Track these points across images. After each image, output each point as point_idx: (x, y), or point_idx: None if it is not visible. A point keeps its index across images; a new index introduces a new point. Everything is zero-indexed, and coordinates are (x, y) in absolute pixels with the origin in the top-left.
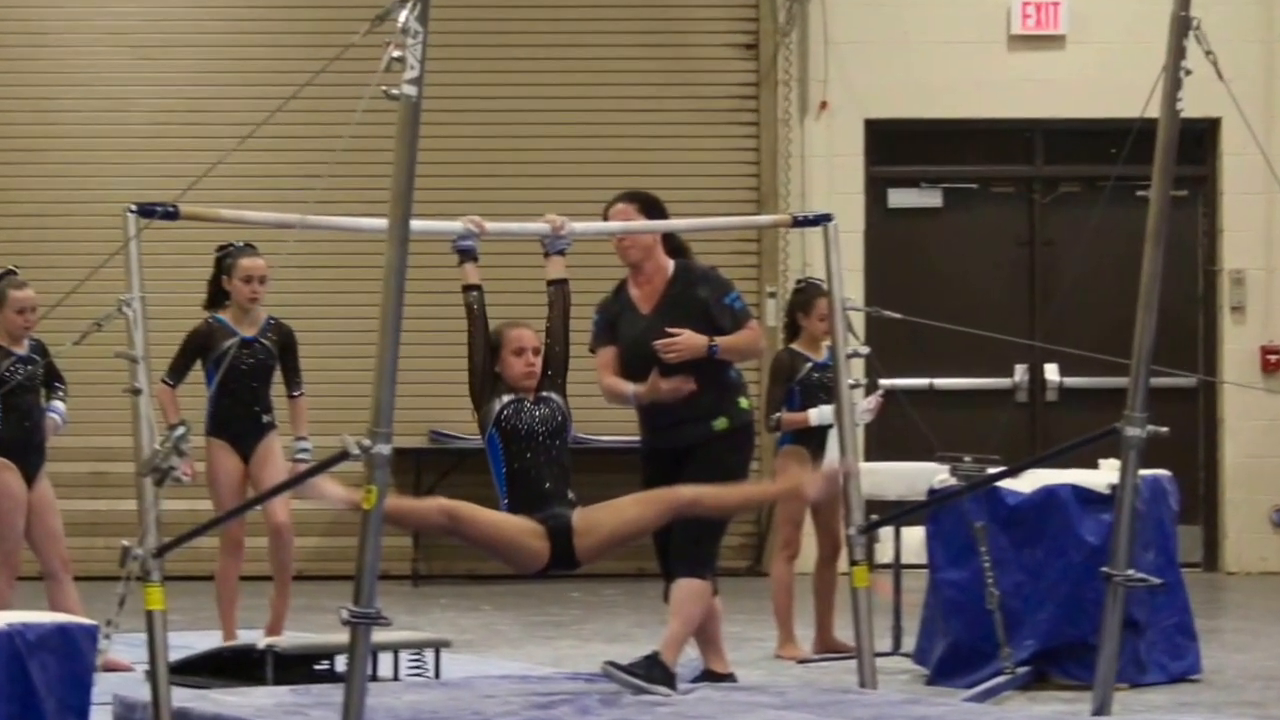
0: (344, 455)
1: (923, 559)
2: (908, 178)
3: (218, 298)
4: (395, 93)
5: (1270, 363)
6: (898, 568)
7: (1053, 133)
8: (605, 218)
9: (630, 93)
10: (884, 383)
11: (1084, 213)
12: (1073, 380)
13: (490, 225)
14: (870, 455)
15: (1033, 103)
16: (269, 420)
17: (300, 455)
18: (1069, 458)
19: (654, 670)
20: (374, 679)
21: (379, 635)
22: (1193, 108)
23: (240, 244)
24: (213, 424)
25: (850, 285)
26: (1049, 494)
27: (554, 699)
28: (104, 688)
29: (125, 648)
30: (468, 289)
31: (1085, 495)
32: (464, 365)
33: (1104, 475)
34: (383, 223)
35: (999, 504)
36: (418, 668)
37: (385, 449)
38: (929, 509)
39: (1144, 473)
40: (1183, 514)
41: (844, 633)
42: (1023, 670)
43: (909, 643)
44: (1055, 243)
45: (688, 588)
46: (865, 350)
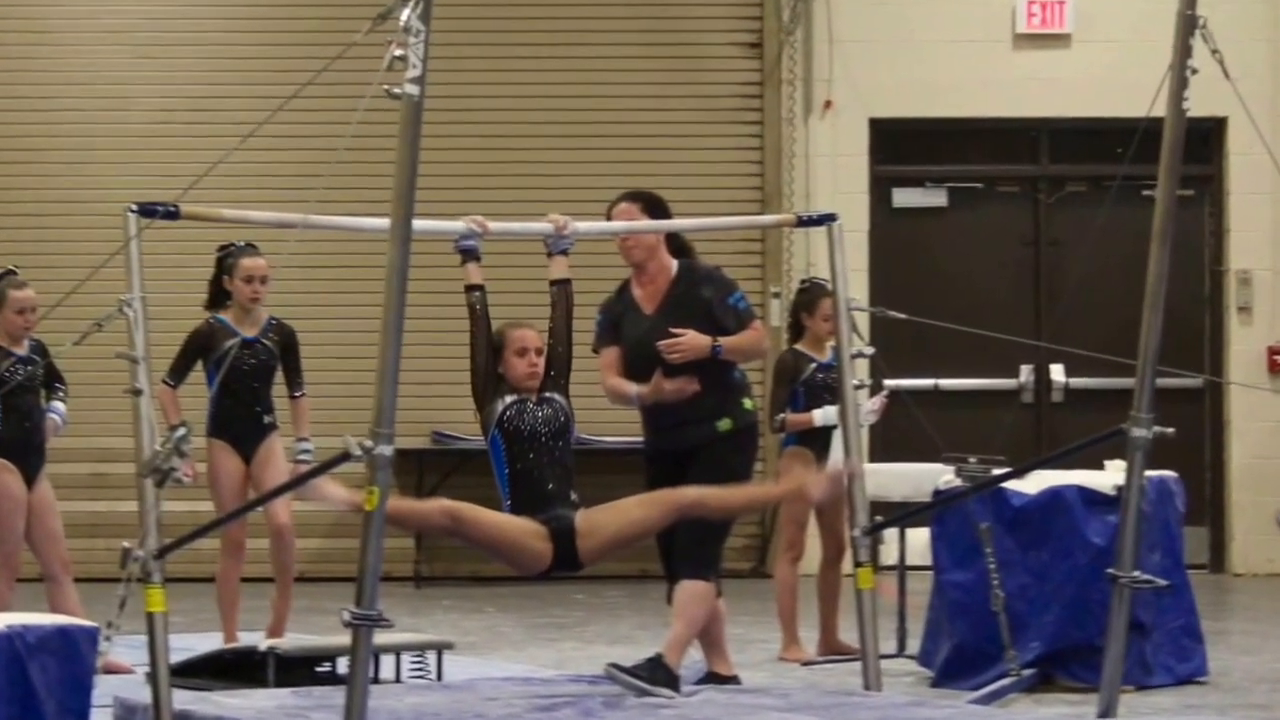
0: (346, 456)
1: (927, 561)
2: (912, 177)
3: (219, 298)
4: (397, 92)
5: (1277, 363)
6: (902, 569)
7: (1058, 132)
8: (609, 217)
9: (634, 92)
10: (888, 383)
11: (1090, 212)
12: (1078, 381)
13: (493, 225)
14: (875, 456)
15: (1038, 102)
16: (270, 421)
17: (302, 456)
18: (1075, 459)
19: (657, 672)
20: (376, 681)
21: (381, 637)
22: (1199, 107)
23: (241, 244)
24: (214, 425)
25: (855, 285)
26: (1054, 495)
27: (557, 701)
28: (104, 690)
29: (126, 650)
30: (470, 289)
31: (1091, 496)
32: (466, 366)
33: (1110, 476)
34: (385, 222)
35: (1004, 505)
36: (420, 670)
37: (387, 450)
38: (934, 510)
39: (1150, 474)
40: (1189, 515)
41: (848, 635)
42: (1028, 672)
43: (914, 645)
44: (1061, 242)
45: (691, 589)
46: (870, 351)
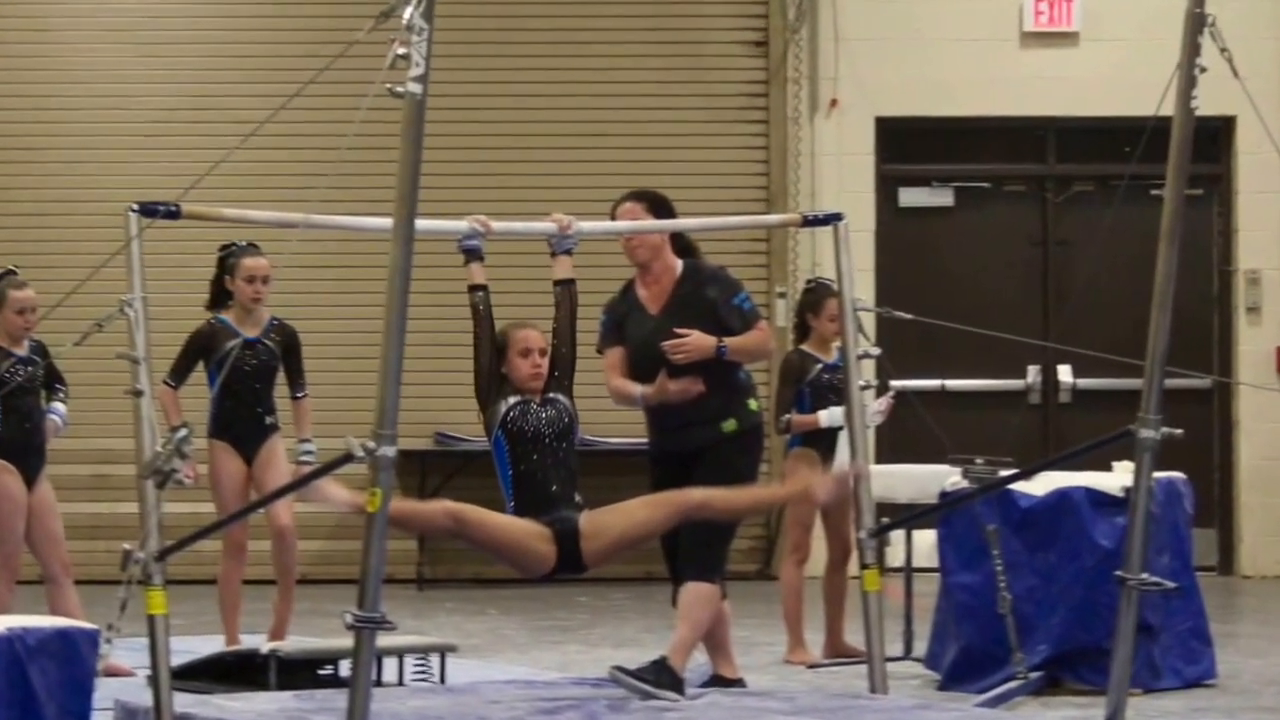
0: (348, 457)
1: (934, 563)
2: (919, 176)
3: (220, 298)
4: (400, 90)
5: None
6: (909, 571)
7: (1066, 131)
8: (613, 217)
9: (638, 90)
10: (895, 384)
11: (1098, 212)
12: (1086, 381)
13: (496, 225)
14: (881, 457)
15: (1046, 101)
16: (272, 422)
17: (304, 457)
18: (1082, 460)
19: (662, 675)
20: (378, 684)
21: (383, 640)
22: (1207, 105)
23: (243, 243)
24: (215, 426)
25: (861, 285)
26: (1062, 497)
27: (560, 704)
28: (105, 693)
29: (126, 652)
30: (473, 289)
31: (1099, 498)
32: (470, 366)
33: (1118, 478)
34: (387, 222)
35: (1011, 507)
36: (423, 673)
37: (390, 451)
38: (940, 512)
39: (1158, 475)
40: (1198, 517)
41: (854, 637)
42: (1035, 675)
43: (920, 647)
44: (1068, 242)
45: (696, 592)
46: (876, 351)
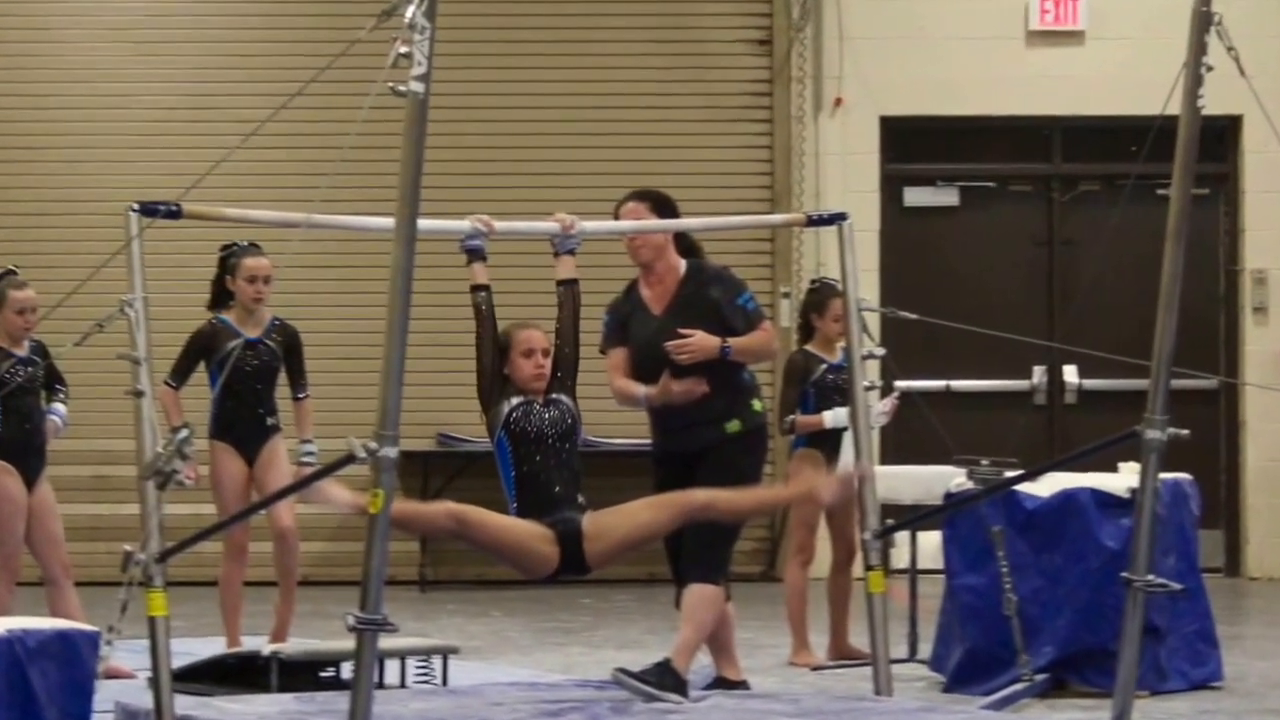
0: (350, 458)
1: (939, 564)
2: (924, 176)
3: (221, 298)
4: (402, 89)
5: None
6: (914, 573)
7: (1072, 130)
8: (616, 217)
9: (641, 89)
10: (900, 385)
11: (1103, 212)
12: (1092, 382)
13: (499, 224)
14: (886, 458)
15: (1051, 100)
16: (273, 423)
17: (305, 458)
18: (1088, 461)
19: (666, 677)
20: (380, 686)
21: (385, 642)
22: (1214, 104)
23: (244, 243)
24: (216, 426)
25: (865, 285)
26: (1068, 498)
27: (564, 706)
28: (105, 695)
29: (127, 654)
30: (476, 289)
31: (1105, 499)
32: (472, 367)
33: (1124, 479)
34: (389, 222)
35: (1017, 508)
36: (425, 675)
37: (392, 452)
38: (945, 513)
39: (1164, 476)
40: (1204, 518)
41: (859, 639)
42: (1041, 677)
43: (925, 649)
44: (1074, 242)
45: (700, 593)
46: (880, 352)
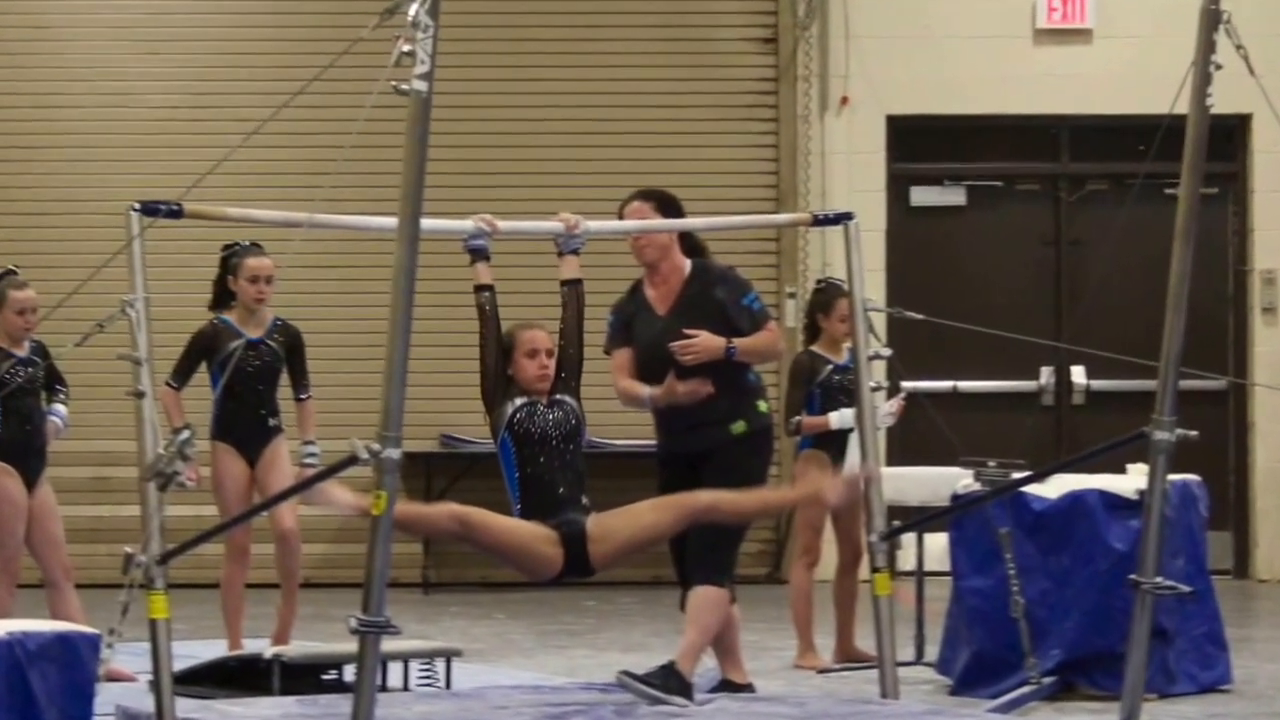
0: (353, 460)
1: (946, 566)
2: (930, 175)
3: (223, 298)
4: (405, 88)
5: None
6: (920, 575)
7: (1079, 129)
8: (620, 216)
9: (646, 88)
10: (906, 385)
11: (1111, 211)
12: (1100, 383)
13: (502, 224)
14: (892, 460)
15: (1059, 98)
16: (275, 424)
17: (308, 460)
18: (1096, 462)
19: (670, 680)
20: (383, 689)
21: (388, 644)
22: (1223, 103)
23: (246, 243)
24: (218, 428)
25: (871, 285)
26: (1075, 500)
27: (567, 709)
28: (106, 698)
29: (128, 657)
30: (479, 289)
31: (1113, 501)
32: (476, 367)
33: (1132, 480)
34: (392, 221)
35: (1024, 510)
36: (428, 678)
37: (395, 453)
38: (952, 515)
39: (1173, 478)
40: (1212, 520)
41: (865, 642)
42: (1049, 680)
43: (932, 652)
44: (1082, 242)
45: (705, 595)
46: (887, 352)
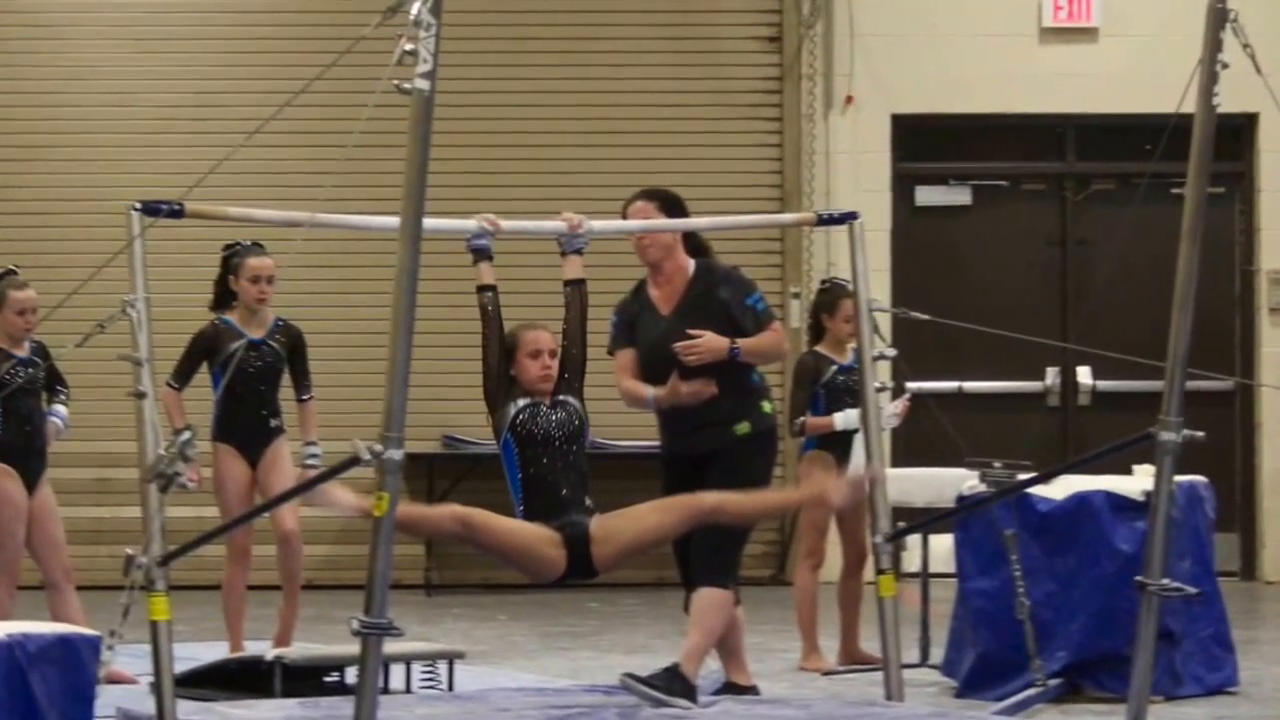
0: (355, 461)
1: (951, 568)
2: (936, 174)
3: (224, 298)
4: (407, 87)
5: None
6: (925, 577)
7: (1085, 128)
8: (624, 216)
9: (650, 87)
10: (911, 386)
11: (1118, 211)
12: (1106, 384)
13: (505, 223)
14: (897, 461)
15: (1065, 97)
16: (277, 425)
17: (309, 461)
18: (1102, 463)
19: (674, 682)
20: (385, 692)
21: (390, 646)
22: (1229, 102)
23: (247, 243)
24: (219, 428)
25: (876, 285)
26: (1081, 501)
27: (571, 712)
28: (107, 701)
29: (129, 659)
30: (482, 289)
31: (1119, 502)
32: (478, 368)
33: (1138, 482)
34: (394, 221)
35: (1030, 511)
36: (430, 680)
37: (397, 454)
38: (957, 516)
39: (1179, 479)
40: (1219, 521)
41: (870, 644)
42: (1054, 682)
43: (937, 654)
44: (1088, 242)
45: (709, 597)
46: (892, 352)
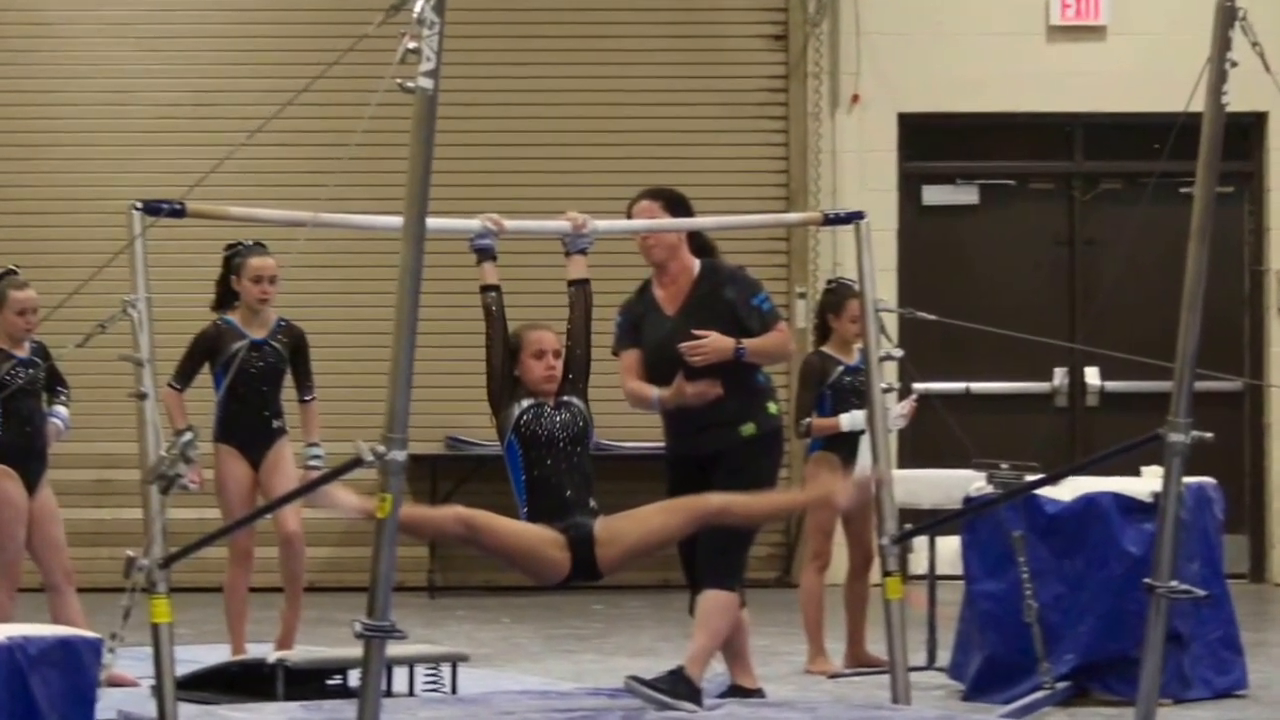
0: (357, 462)
1: (958, 570)
2: (943, 174)
3: (226, 298)
4: (410, 86)
5: None
6: (932, 579)
7: (1093, 127)
8: (629, 215)
9: (655, 85)
10: (918, 387)
11: (1126, 210)
12: (1114, 384)
13: (509, 223)
14: (904, 462)
15: (1072, 96)
16: (279, 426)
17: (312, 462)
18: (1110, 465)
19: (679, 685)
20: (388, 695)
21: (394, 649)
22: (1238, 101)
23: (249, 243)
24: (221, 429)
25: (883, 285)
26: (1089, 502)
27: (575, 715)
28: (108, 704)
29: (130, 662)
30: (486, 289)
31: (1127, 504)
32: (482, 369)
33: (1146, 483)
34: (398, 221)
35: (1037, 513)
36: (434, 683)
37: (400, 455)
38: (965, 518)
39: (1188, 480)
40: (1228, 523)
41: (876, 646)
42: (1062, 685)
43: (944, 656)
44: (1096, 241)
45: (714, 600)
46: (898, 353)
